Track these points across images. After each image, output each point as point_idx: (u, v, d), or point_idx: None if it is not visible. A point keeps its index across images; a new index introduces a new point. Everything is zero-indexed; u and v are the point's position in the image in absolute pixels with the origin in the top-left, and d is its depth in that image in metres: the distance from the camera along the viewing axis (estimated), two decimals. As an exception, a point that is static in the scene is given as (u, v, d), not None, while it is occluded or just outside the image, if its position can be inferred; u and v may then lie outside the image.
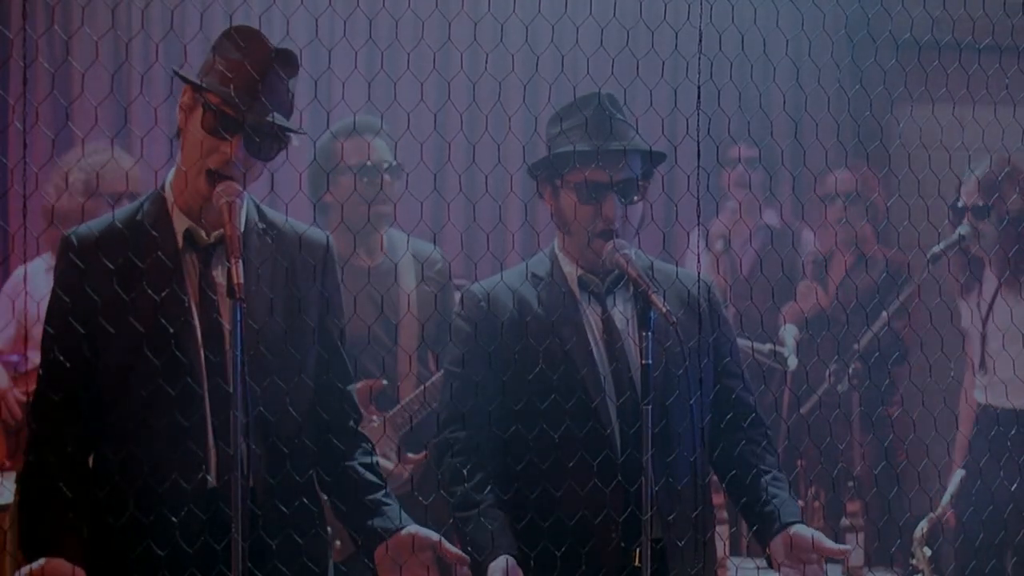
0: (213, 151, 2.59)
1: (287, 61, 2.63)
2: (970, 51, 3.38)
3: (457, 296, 3.10)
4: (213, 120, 2.58)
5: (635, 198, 2.93)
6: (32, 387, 2.67)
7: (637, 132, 2.97)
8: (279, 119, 2.60)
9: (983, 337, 4.37)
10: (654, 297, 2.72)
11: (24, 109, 2.62)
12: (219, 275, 2.65)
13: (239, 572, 2.43)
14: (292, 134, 2.66)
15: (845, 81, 4.87)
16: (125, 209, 2.71)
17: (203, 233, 2.66)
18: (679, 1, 2.88)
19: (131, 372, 2.56)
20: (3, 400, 3.97)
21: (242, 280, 2.44)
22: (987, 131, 3.41)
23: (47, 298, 2.65)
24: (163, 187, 2.71)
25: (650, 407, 2.70)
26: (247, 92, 2.56)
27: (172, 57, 4.58)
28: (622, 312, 2.96)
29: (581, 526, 2.86)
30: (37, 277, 4.00)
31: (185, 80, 2.64)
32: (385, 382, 3.79)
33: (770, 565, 2.94)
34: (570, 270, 2.98)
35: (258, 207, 2.76)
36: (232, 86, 2.56)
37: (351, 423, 2.80)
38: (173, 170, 2.70)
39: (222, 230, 2.59)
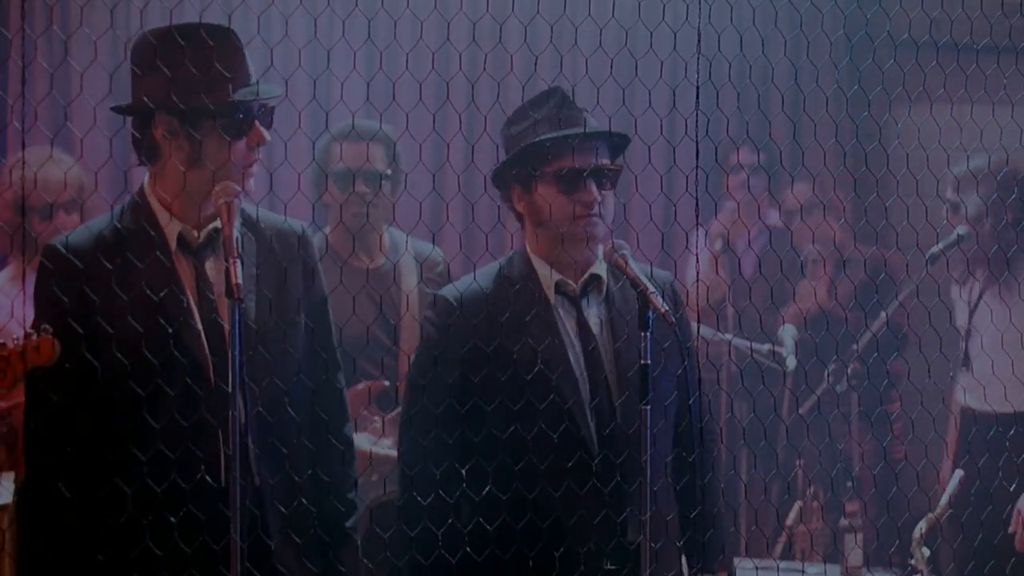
0: (242, 152, 2.63)
1: (226, 34, 2.66)
2: (968, 52, 3.38)
3: (429, 300, 3.07)
4: (229, 127, 2.60)
5: (608, 184, 2.92)
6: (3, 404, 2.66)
7: (593, 120, 2.96)
8: (269, 89, 2.66)
9: (967, 336, 4.38)
10: (653, 297, 2.72)
11: (23, 109, 2.62)
12: (211, 272, 2.66)
13: (238, 572, 2.43)
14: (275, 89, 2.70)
15: (843, 81, 4.87)
16: (101, 219, 2.69)
17: (195, 233, 2.66)
18: (678, 1, 2.88)
19: (133, 376, 2.56)
20: None
21: (240, 280, 2.44)
22: (985, 131, 3.41)
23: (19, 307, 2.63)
24: (140, 193, 2.69)
25: (649, 407, 2.69)
26: (223, 86, 2.58)
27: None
28: (596, 315, 2.95)
29: (555, 528, 2.85)
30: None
31: (188, 107, 2.59)
32: (386, 383, 3.79)
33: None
34: (544, 272, 2.96)
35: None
36: (227, 82, 2.58)
37: (337, 422, 2.80)
38: (148, 175, 2.68)
39: (210, 228, 2.62)
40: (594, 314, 2.95)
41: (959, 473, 4.06)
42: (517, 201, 2.97)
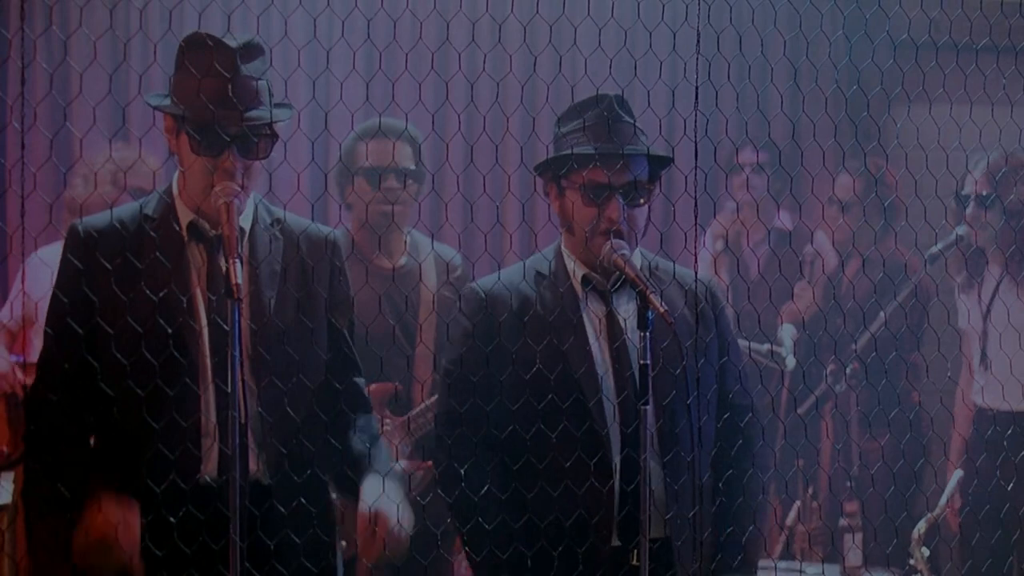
0: (213, 169, 2.62)
1: (251, 54, 2.64)
2: (967, 52, 3.39)
3: (459, 294, 3.10)
4: (200, 143, 2.61)
5: (639, 201, 2.93)
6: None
7: (643, 134, 2.97)
8: (258, 115, 2.62)
9: (983, 335, 4.37)
10: (652, 297, 2.72)
11: (22, 109, 2.62)
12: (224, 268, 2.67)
13: (237, 572, 2.43)
14: (282, 114, 2.67)
15: (843, 82, 4.88)
16: (129, 205, 2.74)
17: (207, 224, 2.68)
18: (677, 2, 2.88)
19: (135, 370, 2.57)
20: (4, 381, 3.98)
21: (239, 280, 2.44)
22: (984, 131, 3.41)
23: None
24: (169, 187, 2.74)
25: (647, 407, 2.70)
26: (221, 102, 2.58)
27: (170, 57, 4.58)
28: (625, 311, 2.96)
29: (578, 525, 2.87)
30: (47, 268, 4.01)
31: (159, 110, 2.67)
32: (400, 386, 3.79)
33: None
34: (574, 268, 2.99)
35: (266, 206, 2.78)
36: (205, 101, 2.58)
37: (356, 416, 2.81)
38: (178, 172, 2.73)
39: None
40: (624, 311, 2.95)
41: (958, 473, 4.06)
42: (553, 199, 3.00)
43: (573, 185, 2.92)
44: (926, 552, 3.96)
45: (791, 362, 4.48)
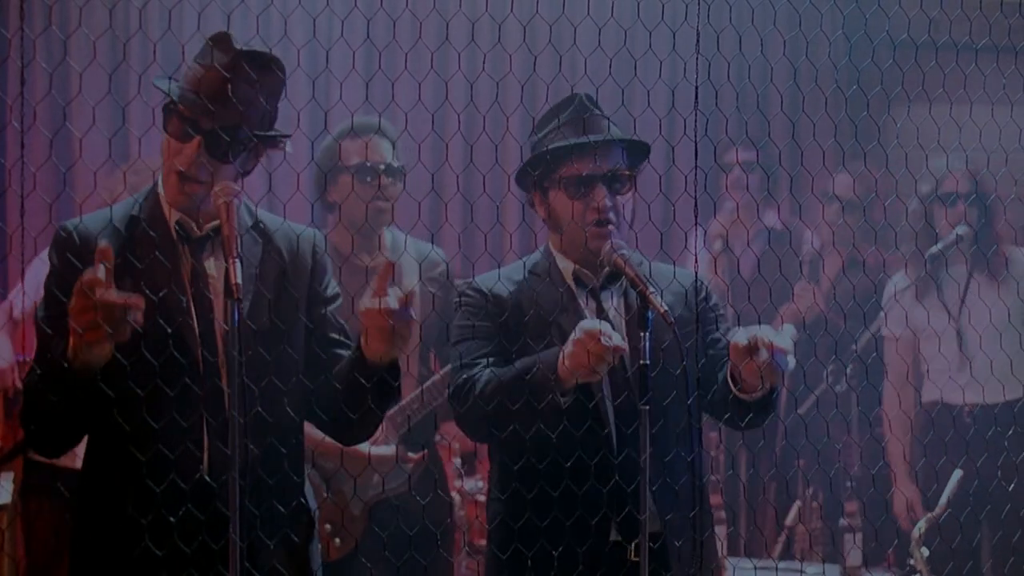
0: (178, 153, 2.62)
1: (255, 62, 2.63)
2: (967, 51, 3.39)
3: (457, 293, 3.09)
4: (177, 124, 2.61)
5: (622, 189, 2.94)
6: None
7: (615, 126, 2.98)
8: (228, 116, 2.60)
9: (959, 334, 4.38)
10: (652, 297, 2.72)
11: (22, 109, 2.62)
12: (210, 267, 2.67)
13: (236, 572, 2.43)
14: (286, 140, 2.67)
15: (842, 81, 4.89)
16: (121, 204, 2.73)
17: (194, 225, 2.67)
18: (677, 1, 2.89)
19: (129, 370, 2.56)
20: (3, 378, 3.99)
21: (239, 280, 2.44)
22: (984, 131, 3.41)
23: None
24: (156, 184, 2.73)
25: (648, 407, 2.70)
26: (213, 97, 2.58)
27: (170, 57, 4.59)
28: (616, 309, 2.96)
29: (579, 526, 2.87)
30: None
31: (154, 86, 2.69)
32: None
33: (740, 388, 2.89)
34: (566, 266, 2.99)
35: (248, 207, 2.77)
36: (198, 91, 2.58)
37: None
38: (162, 169, 2.72)
39: (215, 223, 2.62)
40: (615, 309, 2.95)
41: (958, 472, 4.06)
42: (538, 205, 3.01)
43: (556, 183, 2.94)
44: (926, 552, 3.96)
45: (791, 362, 4.48)
